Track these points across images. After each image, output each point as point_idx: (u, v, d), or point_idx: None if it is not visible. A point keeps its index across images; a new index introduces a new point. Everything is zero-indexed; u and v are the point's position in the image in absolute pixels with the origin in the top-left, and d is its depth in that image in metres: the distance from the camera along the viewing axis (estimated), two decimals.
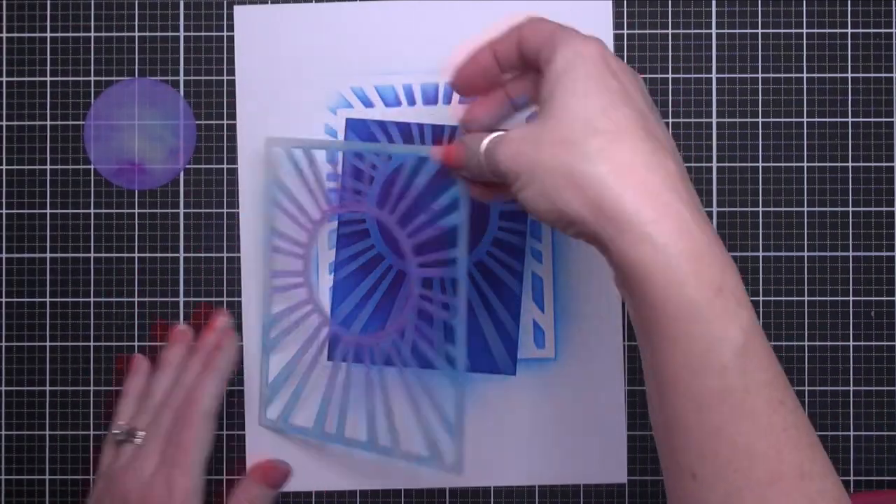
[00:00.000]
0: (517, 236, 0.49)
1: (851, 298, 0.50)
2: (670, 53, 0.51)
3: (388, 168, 0.49)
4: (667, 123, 0.51)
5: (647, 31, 0.51)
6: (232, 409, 0.51)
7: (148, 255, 0.51)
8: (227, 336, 0.48)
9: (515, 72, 0.39)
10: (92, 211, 0.51)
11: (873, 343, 0.50)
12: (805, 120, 0.51)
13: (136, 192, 0.51)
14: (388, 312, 0.49)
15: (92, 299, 0.51)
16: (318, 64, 0.50)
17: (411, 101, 0.50)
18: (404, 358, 0.47)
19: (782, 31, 0.51)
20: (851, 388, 0.50)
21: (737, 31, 0.51)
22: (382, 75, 0.50)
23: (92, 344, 0.51)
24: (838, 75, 0.50)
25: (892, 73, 0.50)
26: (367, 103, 0.50)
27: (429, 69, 0.50)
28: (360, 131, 0.50)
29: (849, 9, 0.50)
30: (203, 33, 0.51)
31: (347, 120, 0.50)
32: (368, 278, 0.50)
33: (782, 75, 0.51)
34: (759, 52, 0.51)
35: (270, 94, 0.50)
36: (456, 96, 0.50)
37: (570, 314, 0.50)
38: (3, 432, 0.51)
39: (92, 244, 0.51)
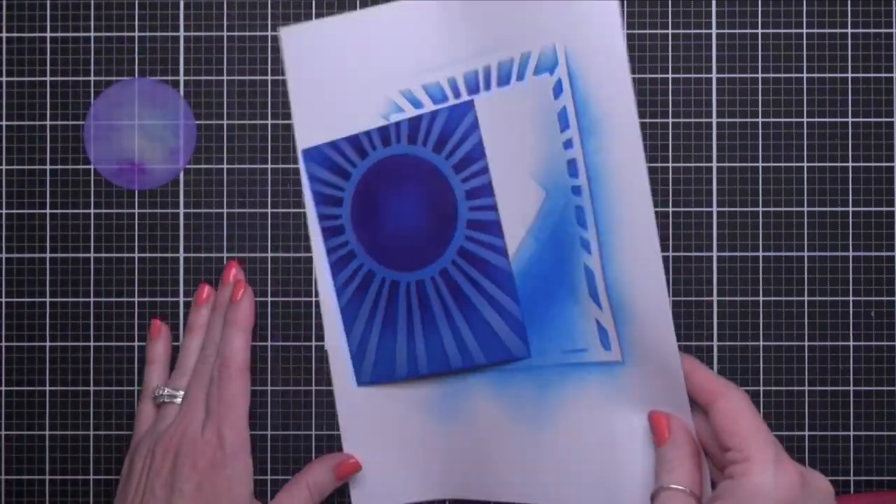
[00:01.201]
0: (488, 212, 0.49)
1: (851, 298, 0.50)
2: (670, 53, 0.51)
3: (352, 185, 0.49)
4: (667, 123, 0.51)
5: (647, 31, 0.51)
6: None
7: (148, 255, 0.51)
8: (241, 288, 0.49)
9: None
10: (92, 211, 0.51)
11: (873, 343, 0.50)
12: (805, 120, 0.51)
13: (136, 192, 0.51)
14: (395, 325, 0.50)
15: (92, 299, 0.51)
16: (366, 73, 0.50)
17: (457, 94, 0.49)
18: (421, 365, 0.49)
19: (782, 31, 0.51)
20: (851, 388, 0.50)
21: (737, 31, 0.51)
22: (428, 73, 0.49)
23: (92, 344, 0.51)
24: (838, 75, 0.50)
25: (892, 73, 0.50)
26: (417, 104, 0.49)
27: (467, 57, 0.49)
28: (317, 158, 0.50)
29: (849, 9, 0.50)
30: (203, 33, 0.51)
31: (302, 151, 0.50)
32: (368, 296, 0.50)
33: (782, 75, 0.51)
34: (759, 52, 0.51)
35: (325, 109, 0.50)
36: (494, 79, 0.48)
37: (626, 311, 0.47)
38: (3, 432, 0.51)
39: (92, 244, 0.51)
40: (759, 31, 0.51)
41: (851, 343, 0.50)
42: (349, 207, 0.49)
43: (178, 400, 0.47)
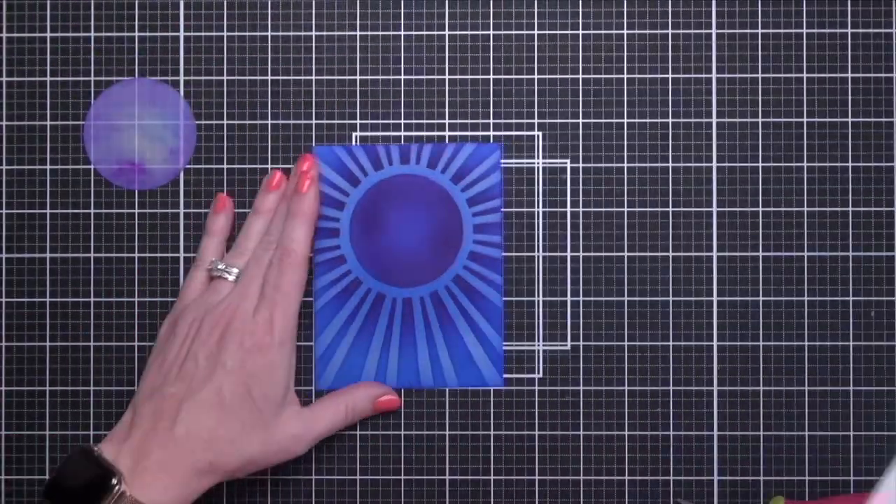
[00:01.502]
0: (493, 248, 0.50)
1: (851, 298, 0.50)
2: (670, 53, 0.51)
3: (358, 193, 0.50)
4: (667, 123, 0.51)
5: (647, 31, 0.51)
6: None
7: (148, 255, 0.51)
8: (307, 179, 0.49)
9: None
10: (92, 211, 0.51)
11: (873, 343, 0.50)
12: (805, 120, 0.51)
13: (136, 192, 0.51)
14: (372, 335, 0.50)
15: (92, 299, 0.51)
16: None
17: None
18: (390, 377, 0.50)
19: (782, 31, 0.51)
20: (851, 388, 0.50)
21: (737, 31, 0.51)
22: None
23: (92, 344, 0.51)
24: (838, 75, 0.50)
25: (892, 73, 0.50)
26: None
27: None
28: (325, 158, 0.50)
29: (849, 9, 0.50)
30: (203, 33, 0.51)
31: (314, 148, 0.50)
32: (349, 303, 0.50)
33: (782, 75, 0.51)
34: (759, 52, 0.51)
35: None
36: None
37: None
38: (3, 432, 0.51)
39: (92, 244, 0.51)
40: (759, 31, 0.51)
41: (851, 343, 0.50)
42: (351, 213, 0.50)
43: (232, 277, 0.48)
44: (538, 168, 0.51)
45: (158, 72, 0.51)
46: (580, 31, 0.51)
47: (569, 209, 0.51)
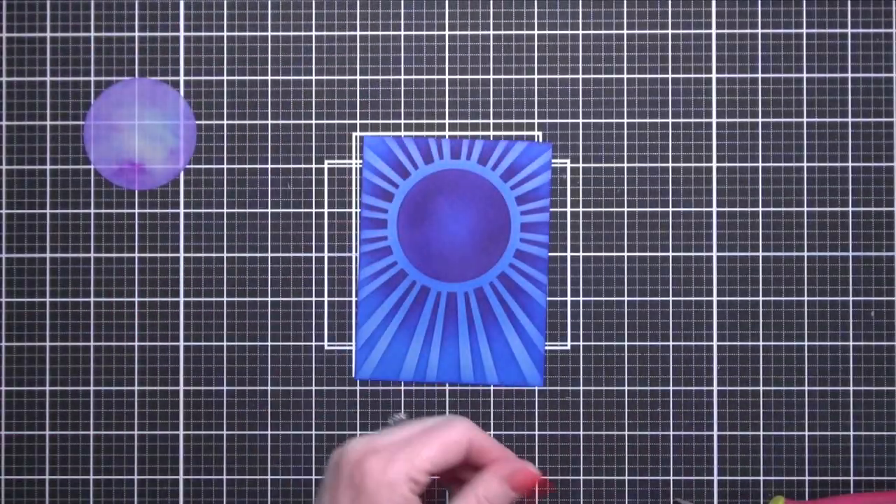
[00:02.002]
0: (539, 247, 0.50)
1: (851, 298, 0.50)
2: (670, 53, 0.51)
3: (408, 185, 0.49)
4: (667, 123, 0.51)
5: (647, 31, 0.51)
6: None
7: (148, 255, 0.51)
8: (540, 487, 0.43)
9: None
10: (92, 211, 0.51)
11: (873, 343, 0.50)
12: (805, 120, 0.51)
13: (136, 192, 0.51)
14: (414, 328, 0.50)
15: (92, 299, 0.51)
16: None
17: None
18: (431, 371, 0.50)
19: (782, 31, 0.51)
20: (851, 388, 0.50)
21: (737, 31, 0.51)
22: None
23: (92, 344, 0.51)
24: (838, 75, 0.50)
25: (892, 73, 0.50)
26: None
27: None
28: (377, 148, 0.50)
29: (849, 9, 0.51)
30: (203, 33, 0.51)
31: (364, 138, 0.50)
32: (392, 295, 0.50)
33: (782, 75, 0.51)
34: (759, 52, 0.51)
35: None
36: None
37: None
38: (3, 432, 0.51)
39: (92, 244, 0.51)
40: (759, 31, 0.51)
41: (851, 343, 0.50)
42: (399, 205, 0.50)
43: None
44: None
45: (158, 72, 0.51)
46: (580, 31, 0.51)
47: (569, 209, 0.51)
